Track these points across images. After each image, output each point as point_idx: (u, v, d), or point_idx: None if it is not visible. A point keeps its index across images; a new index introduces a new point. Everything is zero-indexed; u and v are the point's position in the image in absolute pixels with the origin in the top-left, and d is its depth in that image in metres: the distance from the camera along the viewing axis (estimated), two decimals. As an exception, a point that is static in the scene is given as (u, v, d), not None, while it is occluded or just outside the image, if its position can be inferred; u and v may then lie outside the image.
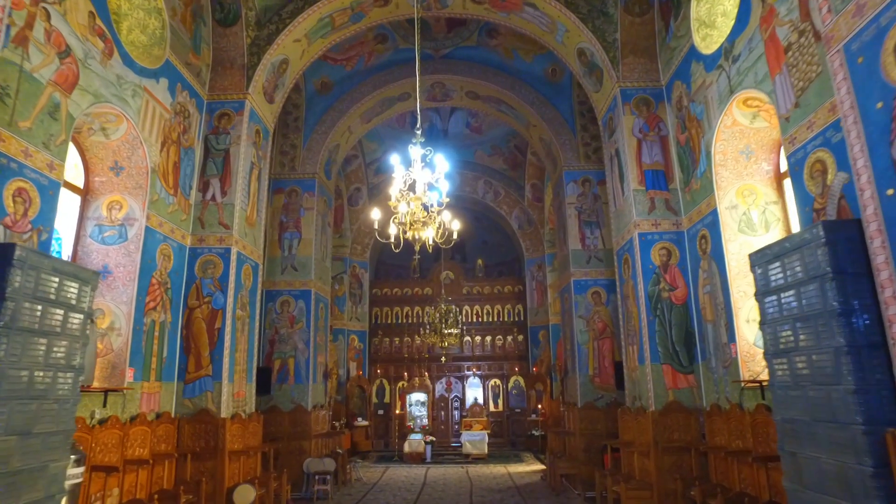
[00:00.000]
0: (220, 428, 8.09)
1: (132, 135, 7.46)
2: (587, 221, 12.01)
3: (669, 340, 8.25)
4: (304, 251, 12.06)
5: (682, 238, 8.58)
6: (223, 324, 8.56)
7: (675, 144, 8.79)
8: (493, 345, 18.34)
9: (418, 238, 6.53)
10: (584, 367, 11.31)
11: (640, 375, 8.55)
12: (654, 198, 8.80)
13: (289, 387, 11.41)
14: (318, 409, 11.77)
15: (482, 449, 15.43)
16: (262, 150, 10.15)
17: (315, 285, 12.02)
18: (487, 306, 18.66)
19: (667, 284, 8.44)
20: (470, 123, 18.21)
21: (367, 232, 18.51)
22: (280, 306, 11.77)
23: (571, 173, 12.30)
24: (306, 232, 12.15)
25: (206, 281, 8.70)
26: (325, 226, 13.06)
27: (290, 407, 11.29)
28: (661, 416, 7.92)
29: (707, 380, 7.82)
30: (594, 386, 11.22)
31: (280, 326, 11.68)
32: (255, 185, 9.82)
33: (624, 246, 9.28)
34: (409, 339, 18.20)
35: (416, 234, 6.49)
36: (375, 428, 17.66)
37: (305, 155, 12.59)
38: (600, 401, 11.14)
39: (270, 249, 12.07)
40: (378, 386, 18.05)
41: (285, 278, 11.92)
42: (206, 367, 8.38)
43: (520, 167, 17.91)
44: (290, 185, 12.42)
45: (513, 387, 18.04)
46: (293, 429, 11.16)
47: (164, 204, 8.09)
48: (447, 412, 17.94)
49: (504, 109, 13.51)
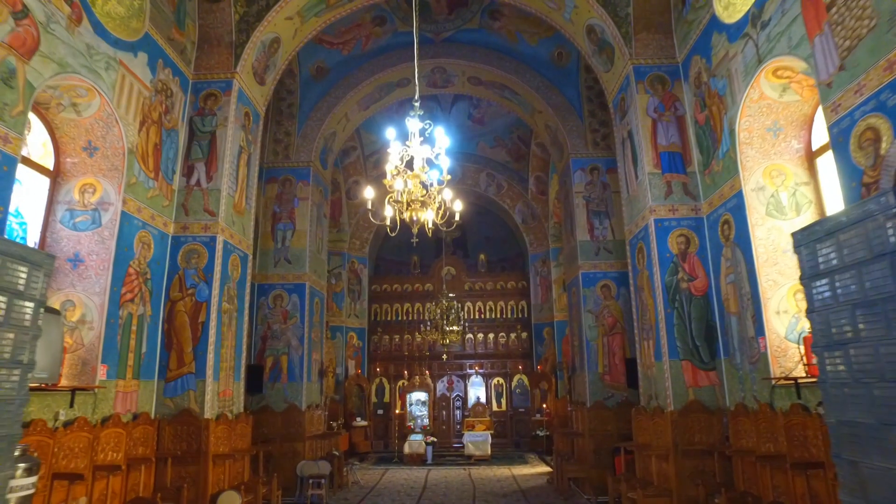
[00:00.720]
0: (203, 429, 7.45)
1: (106, 112, 6.83)
2: (596, 211, 11.35)
3: (689, 335, 7.59)
4: (298, 243, 11.41)
5: (701, 224, 7.92)
6: (207, 317, 7.92)
7: (693, 124, 8.13)
8: (496, 342, 17.69)
9: (417, 220, 5.89)
10: (594, 365, 10.65)
11: (656, 373, 7.89)
12: (671, 181, 8.15)
13: (282, 385, 10.77)
14: (312, 408, 11.13)
15: (485, 450, 14.78)
16: (251, 135, 9.51)
17: (310, 279, 11.38)
18: (490, 303, 18.00)
19: (685, 274, 7.78)
20: (472, 114, 17.55)
21: (366, 226, 17.87)
22: (273, 301, 11.13)
23: (579, 161, 11.64)
24: (300, 223, 11.51)
25: (189, 272, 8.06)
26: (321, 217, 12.42)
27: (284, 407, 10.64)
28: (680, 417, 7.27)
29: (731, 377, 7.16)
30: (604, 384, 10.57)
31: (273, 322, 11.04)
32: (243, 170, 9.18)
33: (638, 234, 8.62)
34: (409, 336, 17.55)
35: (415, 216, 5.85)
36: (375, 428, 17.02)
37: (300, 143, 11.95)
38: (610, 400, 10.49)
39: (263, 241, 11.43)
40: (377, 385, 17.41)
41: (278, 271, 11.28)
42: (189, 364, 7.74)
43: (523, 159, 17.25)
44: (283, 173, 11.78)
45: (516, 386, 17.39)
46: (286, 430, 10.51)
47: (142, 188, 7.45)
48: (449, 412, 17.29)
49: (508, 95, 12.86)
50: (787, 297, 6.42)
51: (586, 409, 10.48)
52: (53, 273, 6.55)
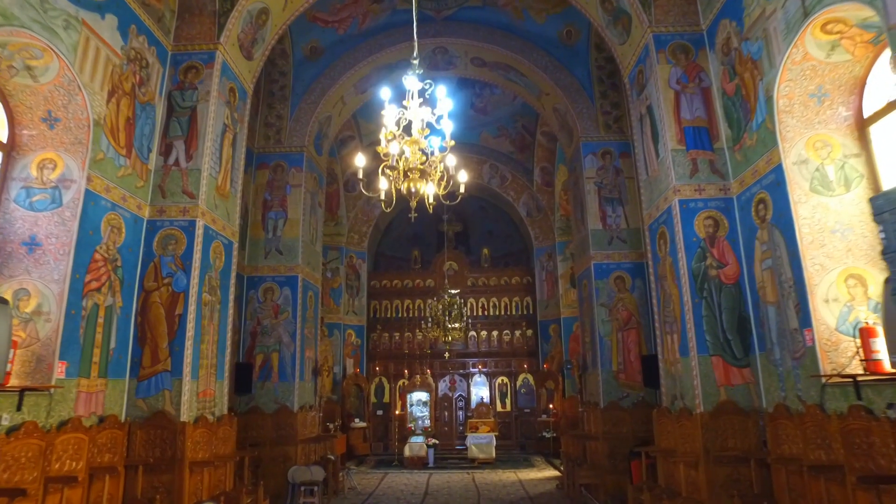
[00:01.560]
0: (178, 434, 6.62)
1: (67, 77, 6.02)
2: (608, 198, 10.53)
3: (719, 327, 6.76)
4: (291, 232, 10.60)
5: (730, 206, 7.09)
6: (185, 309, 7.10)
7: (721, 96, 7.30)
8: (499, 340, 16.85)
9: (415, 191, 5.08)
10: (607, 362, 9.82)
11: (682, 370, 7.07)
12: (697, 159, 7.32)
13: (272, 385, 9.95)
14: (306, 410, 10.31)
15: (489, 453, 13.95)
16: (237, 113, 8.70)
17: (303, 271, 10.56)
18: (494, 299, 17.17)
19: (714, 261, 6.95)
20: (474, 103, 16.74)
21: (365, 220, 17.06)
22: (263, 294, 10.32)
23: (590, 145, 10.82)
24: (293, 211, 10.70)
25: (166, 259, 7.26)
26: (315, 206, 11.61)
27: (274, 408, 9.83)
28: (711, 419, 6.43)
29: (768, 374, 6.33)
30: (618, 383, 9.74)
31: (263, 317, 10.23)
32: (228, 150, 8.37)
33: (659, 218, 7.79)
34: (409, 334, 16.73)
35: (413, 187, 5.05)
36: (374, 430, 16.19)
37: (292, 126, 11.14)
38: (626, 400, 9.66)
39: (252, 231, 10.63)
40: (377, 384, 16.59)
41: (269, 263, 10.47)
42: (165, 360, 6.93)
43: (528, 149, 16.44)
44: (275, 159, 10.97)
45: (521, 385, 16.56)
46: (277, 433, 9.69)
47: (112, 165, 6.64)
48: (451, 413, 16.46)
49: (513, 77, 12.04)
50: (837, 283, 5.59)
51: (599, 410, 9.65)
52: (5, 258, 5.75)
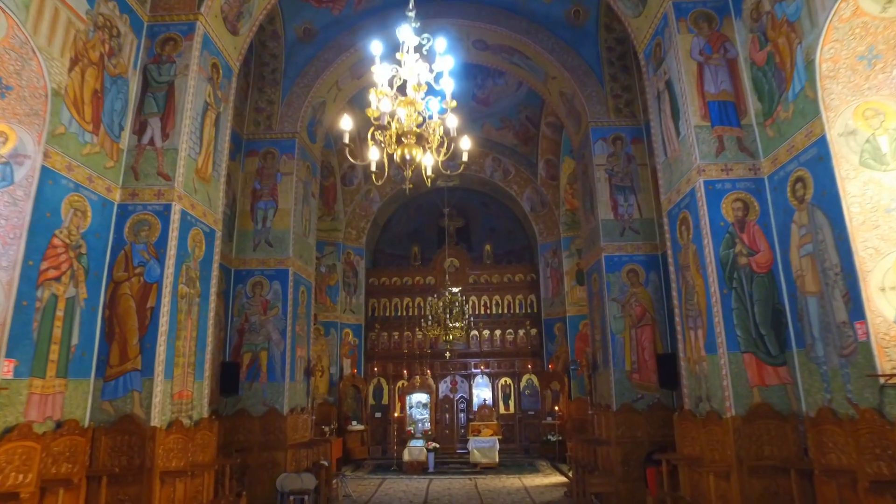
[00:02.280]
0: (147, 440, 5.89)
1: (18, 39, 5.30)
2: (620, 186, 9.79)
3: (751, 321, 6.01)
4: (281, 223, 9.87)
5: (761, 187, 6.35)
6: (158, 302, 6.37)
7: (750, 67, 6.56)
8: (502, 339, 16.10)
9: (410, 159, 4.35)
10: (620, 362, 9.07)
11: (709, 369, 6.31)
12: (723, 136, 6.58)
13: (260, 386, 9.21)
14: (297, 412, 9.56)
15: (492, 457, 13.18)
16: (221, 91, 7.98)
17: (294, 264, 9.82)
18: (496, 297, 16.41)
19: (744, 247, 6.21)
20: (476, 95, 16.03)
21: (363, 215, 16.32)
22: (251, 289, 9.58)
23: (600, 130, 10.08)
24: (283, 201, 9.96)
25: (138, 247, 6.53)
26: (308, 196, 10.87)
27: (262, 410, 9.08)
28: (744, 424, 5.68)
29: (808, 374, 5.57)
30: (632, 384, 8.98)
31: (251, 313, 9.49)
32: (210, 131, 7.65)
33: (680, 202, 7.04)
34: (409, 333, 15.97)
35: (408, 154, 4.32)
36: (372, 433, 15.43)
37: (284, 111, 10.42)
38: (640, 402, 8.91)
39: (241, 221, 9.89)
40: (375, 386, 15.84)
41: (258, 255, 9.73)
42: (134, 358, 6.19)
43: (532, 141, 15.70)
44: (265, 146, 10.25)
45: (525, 386, 15.79)
46: (265, 437, 8.94)
47: (75, 142, 5.92)
48: (452, 415, 15.70)
49: (518, 61, 11.31)
50: (894, 268, 4.86)
51: (612, 412, 8.89)
52: (-55, 240, 5.03)
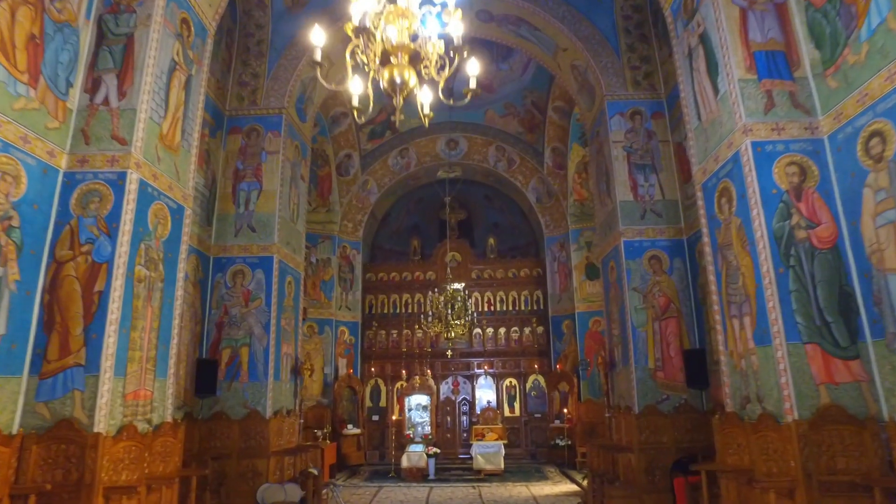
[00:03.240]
0: (87, 449, 4.83)
1: (-73, -42, 4.29)
2: (639, 165, 8.74)
3: (814, 305, 4.95)
4: (266, 206, 8.82)
5: (820, 148, 5.30)
6: (108, 285, 5.32)
7: (804, 9, 5.51)
8: (507, 338, 15.01)
9: (402, 83, 3.32)
10: (642, 358, 8.00)
11: (760, 364, 5.24)
12: (772, 91, 5.53)
13: (240, 386, 8.14)
14: (282, 415, 8.49)
15: (497, 463, 12.08)
16: (193, 52, 6.95)
17: (279, 251, 8.77)
18: (501, 293, 15.33)
19: (802, 219, 5.15)
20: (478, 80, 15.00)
21: (360, 207, 15.27)
22: (232, 278, 8.53)
23: (616, 104, 9.04)
24: (268, 182, 8.92)
25: (86, 221, 5.48)
26: (297, 178, 9.83)
27: (242, 413, 8.02)
28: (811, 431, 4.61)
29: (890, 369, 4.50)
30: (656, 383, 7.91)
31: (231, 305, 8.44)
32: (179, 94, 6.61)
33: (719, 171, 5.98)
34: (408, 331, 14.90)
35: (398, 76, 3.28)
36: (369, 437, 14.33)
37: (270, 86, 9.39)
38: (665, 404, 7.83)
39: (221, 205, 8.85)
40: (372, 387, 14.75)
41: (240, 241, 8.68)
42: (77, 352, 5.13)
43: (538, 128, 14.66)
44: (249, 122, 9.21)
45: (531, 387, 14.69)
46: (245, 443, 7.88)
47: (3, 94, 4.89)
48: (454, 418, 14.60)
49: (525, 33, 10.28)
50: None
51: (633, 415, 7.81)
52: None
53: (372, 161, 15.04)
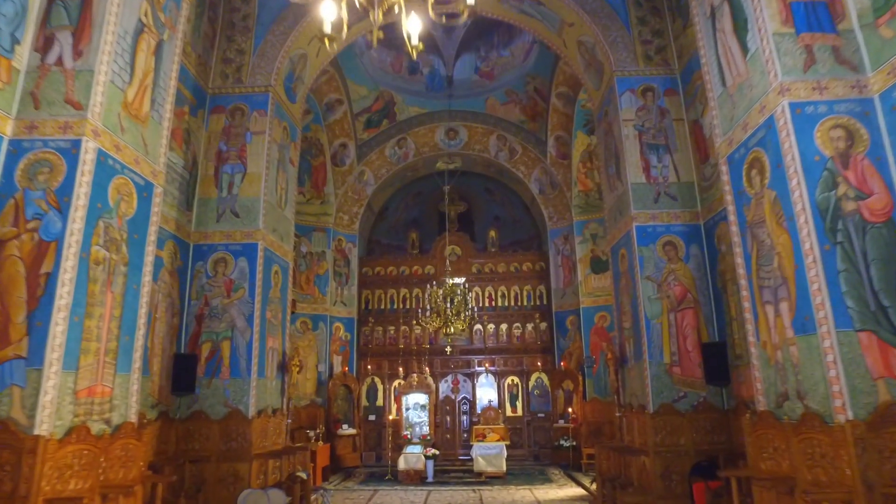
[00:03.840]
0: (25, 455, 4.12)
1: None
2: (652, 144, 8.03)
3: (867, 287, 4.24)
4: (250, 190, 8.12)
5: (870, 108, 4.59)
6: (57, 266, 4.62)
7: (848, -47, 4.82)
8: (509, 334, 14.29)
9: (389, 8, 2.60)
10: (657, 353, 7.28)
11: (801, 355, 4.52)
12: (813, 46, 4.83)
13: (221, 383, 7.44)
14: (266, 415, 7.79)
15: (499, 466, 11.36)
16: (165, 15, 6.25)
17: (265, 238, 8.07)
18: (502, 287, 14.62)
19: (851, 188, 4.44)
20: (479, 67, 14.39)
21: (356, 199, 14.57)
22: (213, 267, 7.83)
23: (627, 80, 8.33)
24: (253, 164, 8.22)
25: (33, 194, 4.79)
26: (286, 162, 9.13)
27: (223, 413, 7.31)
28: (870, 433, 3.90)
29: (961, 359, 3.81)
30: (672, 380, 7.19)
31: (212, 296, 7.73)
32: (147, 59, 5.90)
33: (748, 140, 5.27)
34: (406, 327, 14.19)
35: None
36: (365, 437, 13.62)
37: (256, 63, 8.69)
38: (682, 402, 7.11)
39: (203, 188, 8.15)
40: (369, 385, 14.03)
41: (222, 227, 7.98)
42: (18, 342, 4.43)
43: (540, 117, 13.96)
44: (233, 101, 8.51)
45: (534, 386, 13.97)
46: (225, 445, 7.17)
47: (-66, 43, 4.21)
48: (454, 418, 13.88)
49: (528, 8, 9.58)
50: None
51: (648, 415, 7.09)
52: None
53: (368, 151, 14.34)
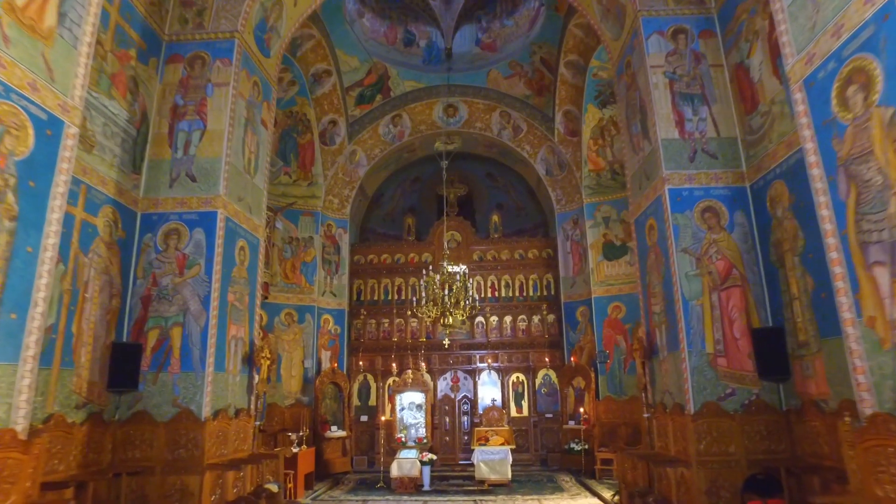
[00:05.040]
0: None
1: None
2: (686, 95, 6.61)
3: None
4: (210, 150, 6.72)
5: None
6: None
7: None
8: (514, 327, 12.87)
9: None
10: (698, 341, 5.85)
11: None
12: None
13: (170, 377, 6.04)
14: (226, 416, 6.37)
15: (503, 472, 9.92)
16: (85, -86, 4.88)
17: (227, 207, 6.67)
18: (506, 276, 13.21)
19: None
20: (480, 39, 13.01)
21: (347, 181, 13.17)
22: (164, 240, 6.44)
23: (654, 21, 6.92)
24: (215, 120, 6.82)
25: None
26: (257, 123, 7.74)
27: (171, 413, 5.92)
28: None
29: None
30: (717, 374, 5.77)
31: (162, 273, 6.34)
32: (55, -38, 4.54)
33: (842, 49, 3.83)
34: (401, 320, 12.78)
35: None
36: (356, 440, 12.21)
37: (221, 4, 7.29)
38: (729, 400, 5.69)
39: (154, 148, 6.76)
40: (361, 383, 12.62)
41: (176, 193, 6.59)
42: None
43: (547, 90, 12.57)
44: (192, 49, 7.12)
45: (542, 384, 12.54)
46: (172, 453, 5.77)
47: None
48: (453, 419, 12.46)
49: (536, -51, 8.20)
50: None
51: (688, 416, 5.67)
52: None
53: (360, 129, 12.96)
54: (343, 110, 12.61)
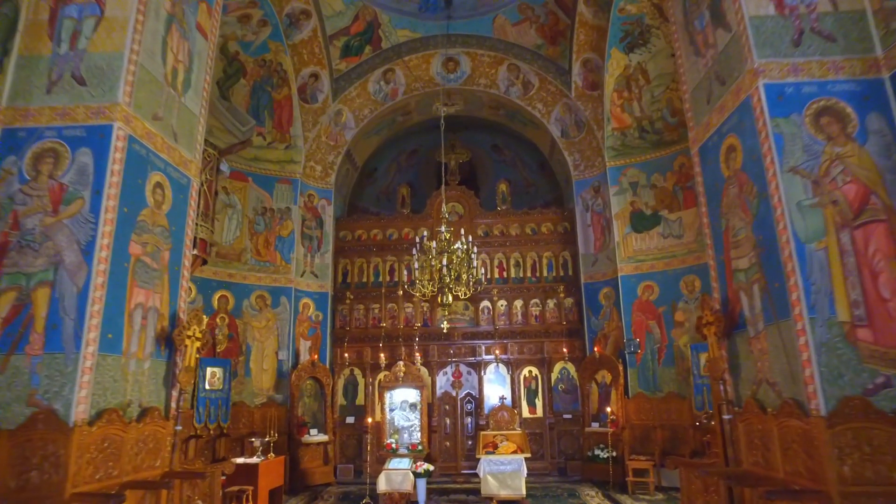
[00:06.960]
0: None
1: None
2: (782, -44, 4.50)
3: None
4: (108, 43, 4.63)
5: None
6: None
7: None
8: (525, 313, 10.67)
9: None
10: (824, 304, 3.71)
11: None
12: None
13: (26, 361, 3.94)
14: (118, 420, 4.24)
15: (516, 487, 7.74)
16: None
17: (131, 122, 4.57)
18: (516, 254, 11.03)
19: None
20: (485, -17, 10.89)
21: (332, 145, 11.08)
22: (33, 164, 4.35)
23: None
24: (116, 5, 4.75)
25: None
26: (191, 27, 5.53)
27: (24, 415, 3.81)
28: None
29: None
30: (859, 354, 3.62)
31: (27, 211, 4.25)
32: None
33: None
34: (393, 305, 10.60)
35: None
36: (341, 446, 10.05)
37: None
38: (882, 394, 3.54)
39: (26, 41, 4.65)
40: (347, 378, 10.48)
41: (54, 102, 4.50)
42: None
43: (563, 38, 10.45)
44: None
45: (558, 379, 10.36)
46: (20, 477, 3.66)
47: None
48: (455, 420, 10.27)
49: None
50: None
51: (815, 420, 3.52)
52: None
53: (347, 85, 10.87)
54: (326, 62, 10.54)
